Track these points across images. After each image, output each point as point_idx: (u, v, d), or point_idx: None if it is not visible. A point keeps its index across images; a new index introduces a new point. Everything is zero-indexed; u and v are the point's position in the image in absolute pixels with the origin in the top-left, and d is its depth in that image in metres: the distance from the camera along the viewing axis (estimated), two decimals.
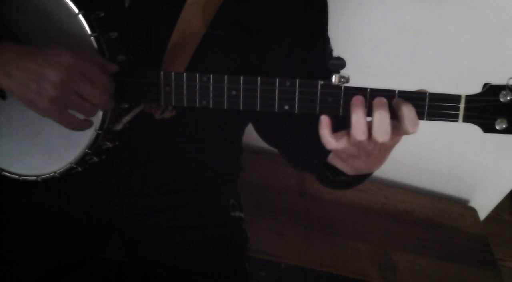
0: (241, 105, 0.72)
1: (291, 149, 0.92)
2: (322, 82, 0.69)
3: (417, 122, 0.65)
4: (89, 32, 0.71)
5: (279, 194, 1.52)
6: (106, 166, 0.88)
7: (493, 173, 1.68)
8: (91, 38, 0.71)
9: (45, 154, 0.79)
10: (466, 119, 0.67)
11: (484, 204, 1.77)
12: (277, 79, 0.70)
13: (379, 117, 0.64)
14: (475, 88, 0.67)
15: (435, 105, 0.67)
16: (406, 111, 0.64)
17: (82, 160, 0.78)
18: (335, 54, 0.68)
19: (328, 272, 1.35)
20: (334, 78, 0.68)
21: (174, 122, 0.85)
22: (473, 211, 1.73)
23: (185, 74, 0.73)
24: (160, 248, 0.99)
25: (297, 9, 0.87)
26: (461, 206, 1.73)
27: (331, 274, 1.34)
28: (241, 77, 0.71)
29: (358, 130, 0.65)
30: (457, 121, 0.67)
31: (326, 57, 0.91)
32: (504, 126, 0.66)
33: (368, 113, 0.66)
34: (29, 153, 0.80)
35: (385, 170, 1.70)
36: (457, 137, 1.56)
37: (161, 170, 0.96)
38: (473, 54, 1.36)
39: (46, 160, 0.80)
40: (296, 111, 0.71)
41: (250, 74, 0.71)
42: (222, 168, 1.06)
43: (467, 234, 1.61)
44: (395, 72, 1.42)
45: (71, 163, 0.78)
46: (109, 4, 0.77)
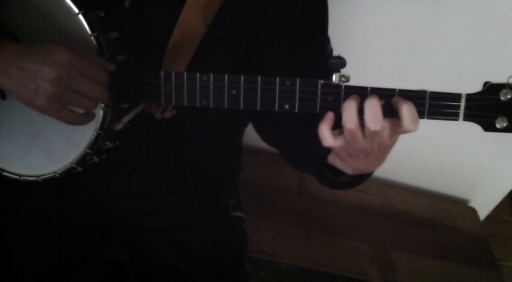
0: (241, 105, 0.72)
1: (291, 149, 0.92)
2: (322, 81, 0.69)
3: (418, 120, 0.65)
4: (89, 32, 0.71)
5: (279, 194, 1.52)
6: (106, 166, 0.88)
7: (493, 173, 1.68)
8: (91, 38, 0.71)
9: (46, 154, 0.79)
10: (467, 118, 0.67)
11: (484, 204, 1.77)
12: (278, 79, 0.70)
13: (370, 104, 0.64)
14: (476, 87, 0.67)
15: (436, 104, 0.67)
16: (406, 109, 0.64)
17: (82, 160, 0.78)
18: (335, 53, 0.68)
19: (328, 272, 1.34)
20: (335, 78, 0.67)
21: (174, 122, 0.85)
22: (473, 211, 1.72)
23: (185, 74, 0.73)
24: (160, 248, 0.99)
25: (297, 9, 0.87)
26: (461, 206, 1.73)
27: (331, 274, 1.34)
28: (242, 76, 0.71)
29: (348, 116, 0.65)
30: (457, 120, 0.67)
31: (326, 57, 0.91)
32: (504, 125, 0.66)
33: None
34: (29, 153, 0.80)
35: (385, 170, 1.70)
36: (457, 137, 1.56)
37: (161, 169, 0.96)
38: (473, 53, 1.36)
39: (46, 160, 0.80)
40: (296, 110, 0.71)
41: (250, 74, 0.71)
42: (222, 168, 1.06)
43: (467, 234, 1.61)
44: (396, 71, 1.42)
45: (71, 163, 0.78)
46: (109, 4, 0.78)
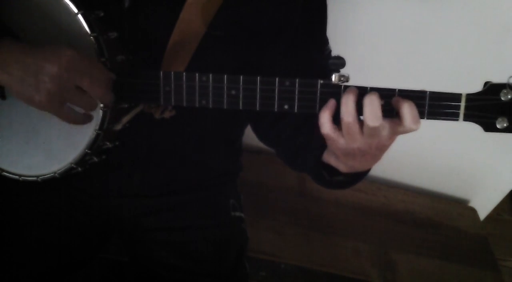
0: (240, 105, 0.72)
1: (288, 149, 0.92)
2: (322, 81, 0.69)
3: (419, 119, 0.65)
4: (88, 32, 0.71)
5: (279, 194, 1.52)
6: (106, 166, 0.88)
7: (493, 173, 1.68)
8: (91, 38, 0.71)
9: (45, 154, 0.79)
10: (467, 118, 0.67)
11: (484, 204, 1.77)
12: (277, 79, 0.70)
13: (369, 100, 0.65)
14: (476, 87, 0.67)
15: (436, 105, 0.67)
16: (407, 108, 0.64)
17: (82, 160, 0.78)
18: (335, 53, 0.68)
19: (328, 272, 1.34)
20: (334, 78, 0.67)
21: (174, 122, 0.85)
22: (473, 211, 1.72)
23: (184, 74, 0.73)
24: (160, 248, 0.99)
25: (297, 9, 0.87)
26: (461, 206, 1.73)
27: (331, 274, 1.34)
28: (241, 77, 0.71)
29: (346, 110, 0.65)
30: (457, 120, 0.67)
31: (325, 58, 0.92)
32: (505, 125, 0.66)
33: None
34: (29, 153, 0.80)
35: (385, 170, 1.70)
36: (457, 137, 1.56)
37: (161, 170, 0.96)
38: (473, 53, 1.36)
39: (46, 160, 0.79)
40: (296, 110, 0.71)
41: (250, 74, 0.71)
42: (222, 168, 1.06)
43: (467, 234, 1.61)
44: (395, 71, 1.42)
45: (71, 163, 0.78)
46: (109, 4, 0.77)
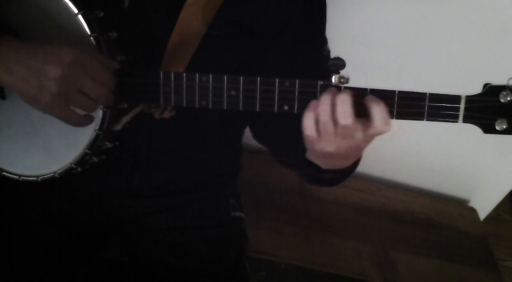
0: (240, 105, 0.72)
1: (279, 147, 0.92)
2: (321, 82, 0.69)
3: (388, 121, 0.66)
4: (88, 32, 0.71)
5: (279, 194, 1.52)
6: (106, 166, 0.88)
7: (493, 173, 1.68)
8: (91, 38, 0.71)
9: (45, 154, 0.79)
10: (466, 119, 0.67)
11: (484, 204, 1.77)
12: (277, 80, 0.70)
13: (341, 99, 0.65)
14: (475, 88, 0.67)
15: (435, 106, 0.67)
16: (376, 110, 0.65)
17: (82, 160, 0.78)
18: (335, 54, 0.68)
19: (328, 272, 1.34)
20: (334, 79, 0.68)
21: (174, 122, 0.85)
22: (473, 211, 1.72)
23: (184, 74, 0.73)
24: (160, 248, 0.99)
25: (297, 9, 0.87)
26: (461, 206, 1.73)
27: (331, 274, 1.34)
28: (241, 77, 0.71)
29: (322, 109, 0.66)
30: (457, 122, 0.67)
31: (323, 58, 0.92)
32: (504, 127, 0.66)
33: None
34: (29, 153, 0.80)
35: (385, 170, 1.70)
36: (457, 138, 1.56)
37: (161, 170, 0.96)
38: (473, 54, 1.36)
39: (46, 160, 0.80)
40: (295, 111, 0.71)
41: (249, 74, 0.71)
42: (222, 168, 1.06)
43: (467, 234, 1.61)
44: (395, 72, 1.42)
45: (71, 163, 0.78)
46: (109, 4, 0.77)
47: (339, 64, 0.67)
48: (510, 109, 0.65)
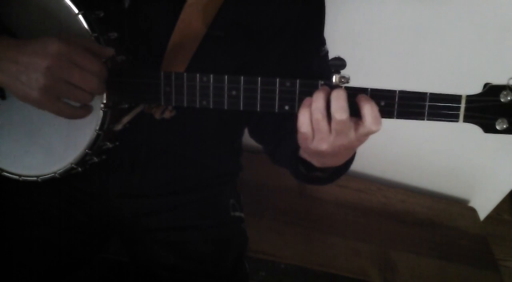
0: (241, 105, 0.72)
1: (270, 144, 0.93)
2: (322, 82, 0.69)
3: (379, 121, 0.65)
4: (89, 32, 0.71)
5: (279, 194, 1.52)
6: (106, 166, 0.88)
7: (493, 173, 1.68)
8: (91, 38, 0.71)
9: (45, 154, 0.79)
10: (467, 119, 0.67)
11: (484, 204, 1.77)
12: (277, 80, 0.70)
13: (336, 95, 0.65)
14: (476, 88, 0.67)
15: (436, 106, 0.67)
16: (368, 109, 0.65)
17: (82, 160, 0.78)
18: (336, 54, 0.68)
19: (328, 272, 1.34)
20: (335, 79, 0.67)
21: (174, 122, 0.85)
22: (473, 211, 1.72)
23: (185, 74, 0.73)
24: (160, 248, 0.99)
25: (296, 10, 0.88)
26: (461, 206, 1.73)
27: (331, 274, 1.34)
28: (242, 77, 0.71)
29: (315, 107, 0.66)
30: (457, 121, 0.67)
31: (321, 59, 0.92)
32: (504, 126, 0.66)
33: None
34: (29, 153, 0.80)
35: (385, 170, 1.70)
36: (457, 137, 1.56)
37: (161, 170, 0.96)
38: (473, 54, 1.36)
39: (46, 160, 0.80)
40: (296, 111, 0.71)
41: (249, 74, 0.71)
42: (222, 168, 1.06)
43: (467, 234, 1.61)
44: (395, 72, 1.42)
45: (71, 163, 0.78)
46: (109, 4, 0.78)
47: (340, 64, 0.67)
48: (510, 109, 0.65)
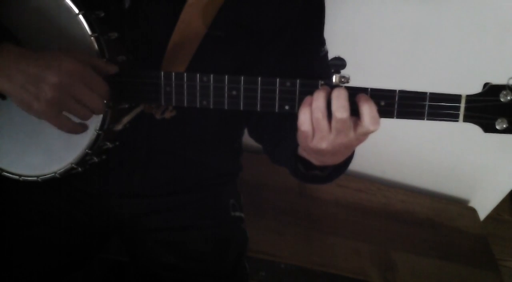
0: (241, 105, 0.73)
1: (270, 144, 0.93)
2: (322, 82, 0.69)
3: (378, 121, 0.66)
4: (89, 32, 0.71)
5: (279, 194, 1.52)
6: (106, 166, 0.88)
7: (493, 173, 1.68)
8: (92, 38, 0.72)
9: (45, 154, 0.79)
10: (467, 119, 0.67)
11: (484, 204, 1.77)
12: (278, 79, 0.70)
13: (336, 94, 0.65)
14: (476, 88, 0.67)
15: (436, 105, 0.67)
16: (366, 109, 0.65)
17: (82, 160, 0.78)
18: (336, 54, 0.68)
19: (328, 272, 1.34)
20: (335, 79, 0.67)
21: (174, 122, 0.85)
22: (473, 211, 1.73)
23: (185, 74, 0.73)
24: (160, 248, 0.99)
25: (296, 10, 0.88)
26: (461, 206, 1.73)
27: (331, 274, 1.34)
28: (242, 77, 0.71)
29: (316, 106, 0.66)
30: (457, 121, 0.67)
31: (320, 59, 0.92)
32: (504, 126, 0.66)
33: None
34: (29, 153, 0.80)
35: (385, 170, 1.70)
36: (457, 137, 1.56)
37: (161, 170, 0.96)
38: (473, 54, 1.36)
39: (46, 160, 0.80)
40: (296, 111, 0.71)
41: (250, 74, 0.71)
42: (222, 168, 1.06)
43: (467, 234, 1.61)
44: (395, 72, 1.42)
45: (71, 163, 0.78)
46: (109, 4, 0.78)
47: (340, 64, 0.67)
48: (510, 109, 0.65)
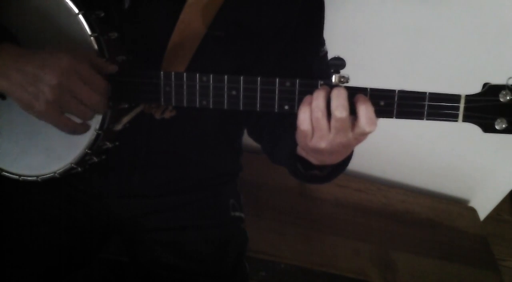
0: (241, 105, 0.72)
1: (268, 143, 0.93)
2: (322, 82, 0.69)
3: (374, 122, 0.66)
4: (89, 32, 0.71)
5: (279, 194, 1.52)
6: (106, 166, 0.88)
7: (493, 173, 1.68)
8: (91, 38, 0.71)
9: (45, 154, 0.79)
10: (466, 119, 0.67)
11: (484, 204, 1.77)
12: (277, 79, 0.70)
13: (336, 93, 0.66)
14: (475, 88, 0.67)
15: (435, 105, 0.67)
16: (363, 110, 0.65)
17: (82, 160, 0.78)
18: (336, 54, 0.68)
19: (328, 272, 1.34)
20: (334, 78, 0.67)
21: (174, 122, 0.85)
22: (473, 211, 1.73)
23: (185, 74, 0.73)
24: (160, 248, 0.99)
25: (296, 11, 0.88)
26: (461, 206, 1.73)
27: (331, 274, 1.34)
28: (241, 77, 0.71)
29: (315, 105, 0.66)
30: (457, 121, 0.67)
31: (320, 59, 0.92)
32: (504, 126, 0.66)
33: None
34: (29, 153, 0.80)
35: (385, 170, 1.70)
36: (457, 138, 1.56)
37: (161, 170, 0.96)
38: (472, 54, 1.36)
39: (46, 160, 0.80)
40: (296, 111, 0.71)
41: (250, 74, 0.71)
42: (222, 168, 1.06)
43: (467, 234, 1.61)
44: (395, 72, 1.42)
45: (71, 163, 0.78)
46: (109, 4, 0.78)
47: (339, 64, 0.67)
48: (509, 109, 0.65)
